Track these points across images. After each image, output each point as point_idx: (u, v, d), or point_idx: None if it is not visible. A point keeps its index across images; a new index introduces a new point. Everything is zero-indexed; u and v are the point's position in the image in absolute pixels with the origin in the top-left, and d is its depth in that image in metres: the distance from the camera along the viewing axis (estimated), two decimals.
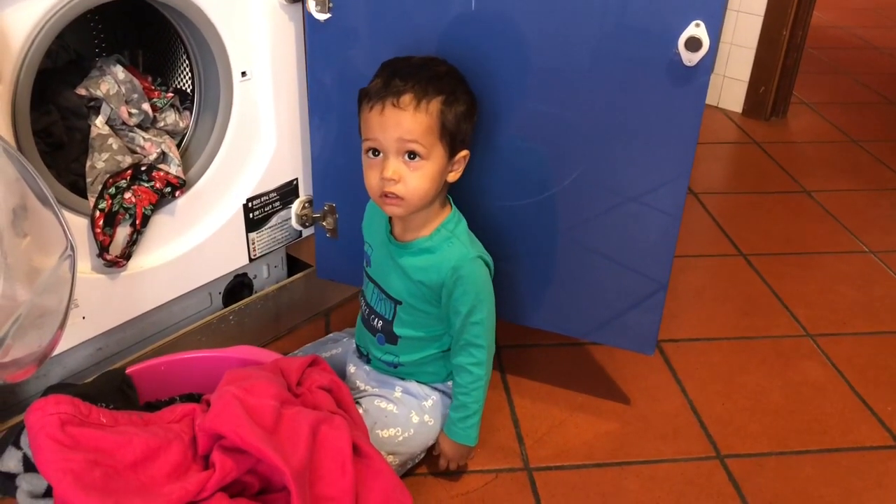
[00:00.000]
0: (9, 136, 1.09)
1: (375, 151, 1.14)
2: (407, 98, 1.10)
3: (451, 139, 1.14)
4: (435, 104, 1.11)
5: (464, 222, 1.24)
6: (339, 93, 1.38)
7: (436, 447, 1.29)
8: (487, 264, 1.23)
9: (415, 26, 1.28)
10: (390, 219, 1.24)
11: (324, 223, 1.52)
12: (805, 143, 2.65)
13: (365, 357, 1.34)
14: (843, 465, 1.37)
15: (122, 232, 1.26)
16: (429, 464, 1.31)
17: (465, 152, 1.18)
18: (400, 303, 1.25)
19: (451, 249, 1.20)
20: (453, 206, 1.24)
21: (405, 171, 1.12)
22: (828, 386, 1.55)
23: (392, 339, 1.28)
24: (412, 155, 1.12)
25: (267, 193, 1.47)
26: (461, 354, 1.23)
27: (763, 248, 2.00)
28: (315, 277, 1.59)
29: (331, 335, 1.50)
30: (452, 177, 1.19)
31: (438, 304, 1.23)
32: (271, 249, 1.53)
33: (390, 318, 1.27)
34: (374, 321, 1.29)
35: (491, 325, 1.23)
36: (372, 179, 1.15)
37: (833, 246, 2.04)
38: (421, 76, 1.12)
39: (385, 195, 1.14)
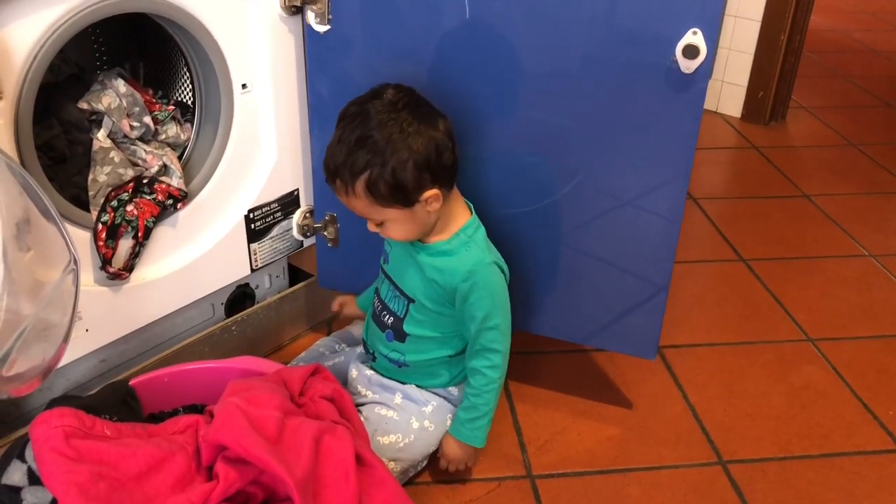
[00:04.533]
0: (12, 150, 1.10)
1: None
2: (338, 185, 1.16)
3: (397, 199, 1.14)
4: (360, 186, 1.13)
5: (482, 230, 1.25)
6: (339, 103, 1.38)
7: (438, 448, 1.30)
8: (503, 270, 1.25)
9: (412, 36, 1.29)
10: None
11: (325, 233, 1.53)
12: (804, 148, 2.66)
13: (371, 355, 1.35)
14: (845, 469, 1.37)
15: (125, 244, 1.27)
16: (431, 472, 1.32)
17: (429, 193, 1.15)
18: (413, 301, 1.26)
19: (469, 253, 1.21)
20: (473, 213, 1.26)
21: (380, 229, 1.20)
22: (829, 390, 1.55)
23: (401, 336, 1.29)
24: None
25: (268, 204, 1.47)
26: (477, 358, 1.24)
27: (763, 252, 2.01)
28: (317, 287, 1.60)
29: (320, 342, 1.50)
30: (433, 207, 1.17)
31: (450, 306, 1.24)
32: (273, 260, 1.54)
33: (402, 316, 1.28)
34: (385, 317, 1.30)
35: (506, 329, 1.25)
36: None
37: (833, 250, 2.04)
38: (338, 157, 1.14)
39: None
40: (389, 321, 1.30)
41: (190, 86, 1.41)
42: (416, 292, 1.25)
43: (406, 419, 1.27)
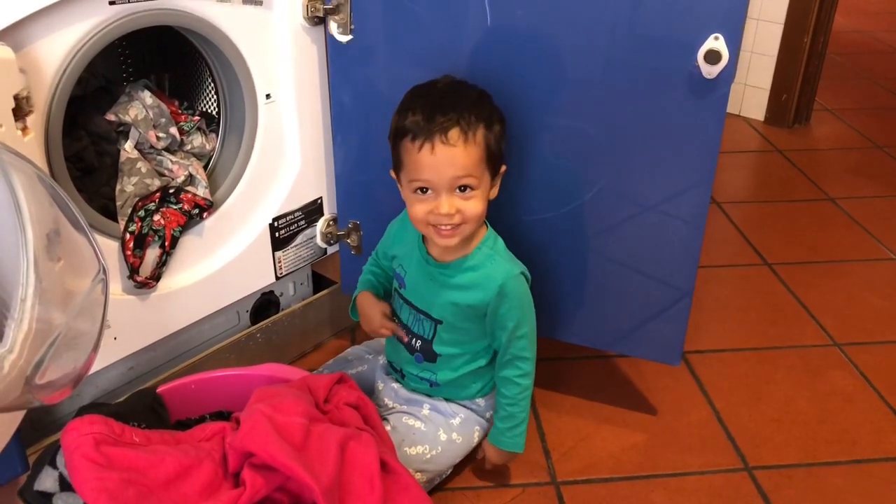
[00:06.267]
0: (42, 162, 1.12)
1: (424, 189, 1.14)
2: (455, 133, 1.10)
3: (494, 162, 1.16)
4: (480, 133, 1.12)
5: (501, 240, 1.26)
6: (361, 113, 1.40)
7: (478, 452, 1.31)
8: (527, 279, 1.25)
9: (434, 45, 1.30)
10: (423, 241, 1.26)
11: (348, 240, 1.54)
12: (829, 150, 2.64)
13: (398, 372, 1.35)
14: (873, 475, 1.35)
15: (152, 254, 1.28)
16: (456, 479, 1.32)
17: (503, 168, 1.20)
18: (441, 322, 1.26)
19: (495, 266, 1.21)
20: (489, 226, 1.26)
21: (460, 203, 1.14)
22: (856, 395, 1.54)
23: (431, 357, 1.29)
24: (464, 188, 1.13)
25: (292, 213, 1.49)
26: (508, 368, 1.25)
27: (788, 257, 1.99)
28: (340, 294, 1.61)
29: (349, 350, 1.51)
30: (493, 193, 1.20)
31: (479, 322, 1.24)
32: (297, 267, 1.55)
33: (430, 338, 1.28)
34: (412, 341, 1.30)
35: (534, 337, 1.26)
36: (420, 213, 1.15)
37: (859, 254, 2.02)
38: (459, 105, 1.12)
39: (437, 226, 1.15)
40: (418, 344, 1.29)
41: (215, 97, 1.43)
42: (444, 314, 1.25)
43: (434, 431, 1.28)
